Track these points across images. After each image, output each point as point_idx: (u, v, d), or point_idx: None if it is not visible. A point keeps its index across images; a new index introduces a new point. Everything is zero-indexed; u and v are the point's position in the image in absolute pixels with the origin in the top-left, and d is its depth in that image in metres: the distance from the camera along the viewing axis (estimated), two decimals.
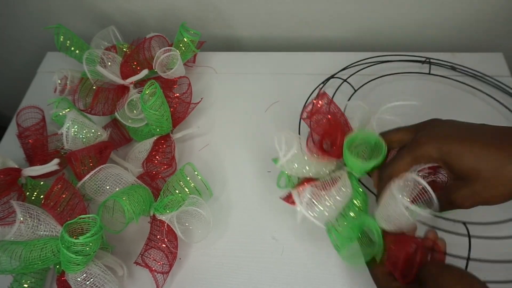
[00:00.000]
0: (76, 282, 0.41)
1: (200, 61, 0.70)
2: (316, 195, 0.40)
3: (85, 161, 0.49)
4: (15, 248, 0.41)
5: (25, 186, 0.50)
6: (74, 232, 0.41)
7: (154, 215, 0.48)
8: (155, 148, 0.56)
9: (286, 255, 0.49)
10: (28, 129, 0.52)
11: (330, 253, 0.49)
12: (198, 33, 0.63)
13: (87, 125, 0.52)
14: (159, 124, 0.54)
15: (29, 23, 0.80)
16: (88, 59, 0.57)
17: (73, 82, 0.59)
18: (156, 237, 0.48)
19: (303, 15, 0.70)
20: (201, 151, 0.60)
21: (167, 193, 0.50)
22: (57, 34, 0.60)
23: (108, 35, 0.65)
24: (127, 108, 0.57)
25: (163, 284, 0.46)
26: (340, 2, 0.66)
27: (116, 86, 0.59)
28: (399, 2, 0.65)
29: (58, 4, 0.73)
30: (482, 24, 0.68)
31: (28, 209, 0.42)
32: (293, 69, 0.67)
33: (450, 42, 0.72)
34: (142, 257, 0.47)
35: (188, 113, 0.59)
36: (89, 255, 0.40)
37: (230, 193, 0.55)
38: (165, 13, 0.72)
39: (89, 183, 0.47)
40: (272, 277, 0.48)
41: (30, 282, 0.46)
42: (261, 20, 0.72)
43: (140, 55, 0.60)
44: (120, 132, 0.60)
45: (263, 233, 0.51)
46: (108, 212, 0.48)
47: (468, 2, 0.63)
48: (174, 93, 0.59)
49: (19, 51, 0.87)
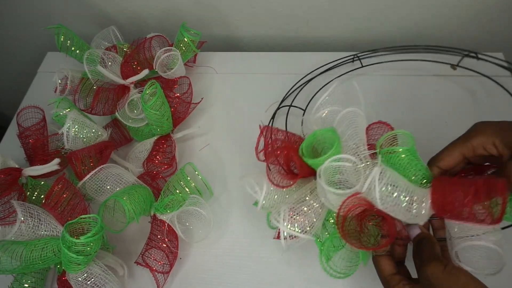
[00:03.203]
0: (77, 282, 0.41)
1: (200, 61, 0.70)
2: (292, 209, 0.38)
3: (86, 161, 0.49)
4: (16, 248, 0.41)
5: (25, 186, 0.50)
6: (75, 232, 0.41)
7: (155, 215, 0.49)
8: (156, 148, 0.56)
9: (286, 255, 0.49)
10: (28, 129, 0.52)
11: None
12: (198, 33, 0.63)
13: (88, 125, 0.52)
14: (159, 124, 0.54)
15: (30, 23, 0.80)
16: (89, 59, 0.57)
17: (74, 82, 0.59)
18: (156, 237, 0.48)
19: (303, 15, 0.70)
20: (201, 151, 0.60)
21: (167, 193, 0.50)
22: (57, 34, 0.60)
23: (109, 35, 0.65)
24: (128, 108, 0.57)
25: (163, 283, 0.46)
26: (340, 2, 0.66)
27: (116, 86, 0.59)
28: (399, 3, 0.65)
29: (58, 4, 0.73)
30: (482, 24, 0.68)
31: (28, 209, 0.42)
32: (293, 69, 0.67)
33: (450, 42, 0.72)
34: (143, 257, 0.47)
35: (188, 113, 0.59)
36: (90, 255, 0.40)
37: (230, 193, 0.55)
38: (166, 13, 0.72)
39: (89, 183, 0.47)
40: (272, 277, 0.48)
41: (31, 282, 0.46)
42: (261, 20, 0.72)
43: (141, 55, 0.60)
44: (121, 132, 0.60)
45: (263, 233, 0.51)
46: (109, 212, 0.48)
47: (468, 2, 0.64)
48: (175, 93, 0.59)
49: (19, 51, 0.87)
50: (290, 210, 0.38)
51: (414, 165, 0.37)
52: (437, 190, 0.35)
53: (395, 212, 0.35)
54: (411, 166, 0.37)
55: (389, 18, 0.68)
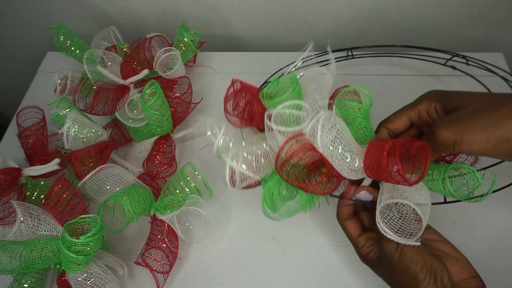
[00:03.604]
0: (76, 282, 0.41)
1: (200, 61, 0.70)
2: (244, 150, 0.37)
3: (86, 161, 0.49)
4: (16, 248, 0.41)
5: (25, 186, 0.50)
6: (75, 232, 0.41)
7: (155, 215, 0.48)
8: (156, 148, 0.56)
9: (286, 255, 0.50)
10: (28, 129, 0.52)
11: (330, 253, 0.49)
12: (198, 33, 0.63)
13: (88, 125, 0.52)
14: (159, 124, 0.54)
15: (30, 23, 0.80)
16: (89, 59, 0.57)
17: (74, 82, 0.59)
18: (156, 237, 0.48)
19: (303, 15, 0.70)
20: (201, 151, 0.60)
21: (167, 193, 0.50)
22: (57, 34, 0.60)
23: (109, 35, 0.65)
24: (128, 108, 0.57)
25: (163, 284, 0.46)
26: (340, 2, 0.66)
27: (116, 86, 0.59)
28: (399, 2, 0.65)
29: (58, 4, 0.73)
30: (482, 24, 0.68)
31: (28, 209, 0.42)
32: None
33: (450, 42, 0.72)
34: (143, 257, 0.47)
35: (188, 113, 0.59)
36: (89, 255, 0.40)
37: (230, 193, 0.55)
38: (165, 13, 0.72)
39: (89, 183, 0.47)
40: (272, 277, 0.48)
41: (31, 282, 0.46)
42: (261, 20, 0.72)
43: (141, 55, 0.60)
44: (121, 132, 0.60)
45: (263, 233, 0.51)
46: (109, 212, 0.48)
47: (468, 2, 0.64)
48: (175, 93, 0.59)
49: (19, 51, 0.87)
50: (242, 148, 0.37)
51: (360, 122, 0.37)
52: (369, 149, 0.34)
53: (332, 157, 0.34)
54: (358, 122, 0.37)
55: (389, 18, 0.68)
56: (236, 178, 0.37)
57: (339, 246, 0.49)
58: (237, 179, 0.37)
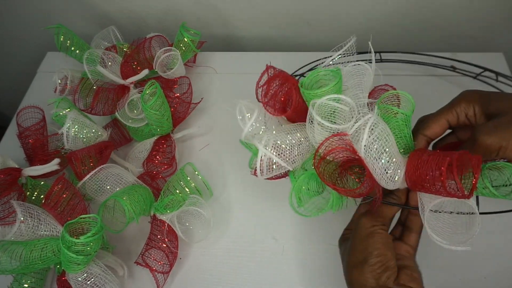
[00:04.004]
0: (76, 282, 0.41)
1: (200, 61, 0.70)
2: (277, 136, 0.35)
3: (86, 161, 0.49)
4: (16, 248, 0.41)
5: (25, 186, 0.50)
6: (75, 232, 0.41)
7: (155, 215, 0.48)
8: (156, 148, 0.56)
9: (286, 255, 0.50)
10: (28, 129, 0.52)
11: (330, 253, 0.49)
12: (198, 33, 0.63)
13: (88, 125, 0.52)
14: (159, 124, 0.54)
15: (30, 23, 0.79)
16: (89, 59, 0.57)
17: (74, 82, 0.59)
18: (156, 237, 0.48)
19: (303, 15, 0.70)
20: (201, 151, 0.60)
21: (167, 193, 0.50)
22: (57, 34, 0.60)
23: (109, 35, 0.65)
24: (128, 108, 0.57)
25: (163, 283, 0.46)
26: (340, 2, 0.66)
27: (116, 86, 0.59)
28: (399, 2, 0.65)
29: (58, 4, 0.73)
30: (482, 24, 0.68)
31: (28, 209, 0.42)
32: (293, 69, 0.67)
33: (450, 42, 0.72)
34: (143, 257, 0.47)
35: (188, 113, 0.59)
36: (89, 255, 0.40)
37: (230, 193, 0.55)
38: (165, 13, 0.72)
39: (89, 183, 0.47)
40: (272, 277, 0.48)
41: (31, 282, 0.46)
42: (261, 20, 0.72)
43: (141, 55, 0.60)
44: (121, 132, 0.60)
45: (263, 233, 0.51)
46: (109, 212, 0.48)
47: (468, 2, 0.63)
48: (175, 93, 0.59)
49: (19, 51, 0.87)
50: (275, 136, 0.36)
51: (402, 131, 0.36)
52: (412, 161, 0.33)
53: (373, 165, 0.33)
54: (400, 131, 0.36)
55: (389, 18, 0.68)
56: (263, 167, 0.35)
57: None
58: (264, 169, 0.35)
